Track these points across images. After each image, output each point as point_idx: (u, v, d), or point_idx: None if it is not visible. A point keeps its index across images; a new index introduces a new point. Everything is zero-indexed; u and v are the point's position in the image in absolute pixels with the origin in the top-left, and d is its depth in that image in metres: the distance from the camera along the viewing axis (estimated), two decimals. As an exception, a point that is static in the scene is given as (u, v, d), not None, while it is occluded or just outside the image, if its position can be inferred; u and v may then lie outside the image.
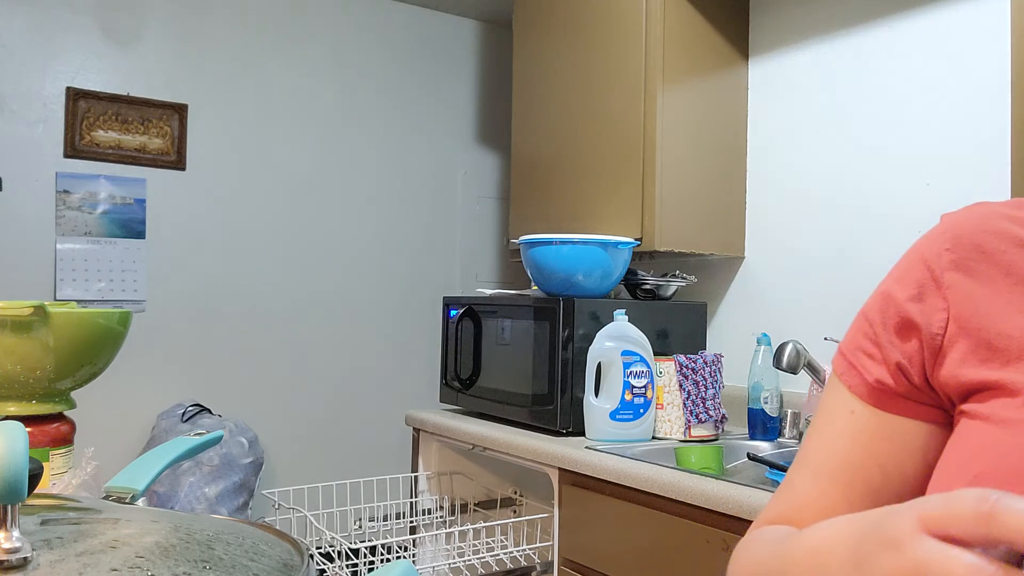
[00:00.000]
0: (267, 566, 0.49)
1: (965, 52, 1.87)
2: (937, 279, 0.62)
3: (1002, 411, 0.57)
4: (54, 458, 1.07)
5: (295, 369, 3.10)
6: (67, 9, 2.72)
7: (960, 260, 0.62)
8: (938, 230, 0.65)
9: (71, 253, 2.70)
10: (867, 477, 0.65)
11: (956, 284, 0.61)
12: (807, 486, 0.67)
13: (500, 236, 3.57)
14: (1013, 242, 0.61)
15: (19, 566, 0.42)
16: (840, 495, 0.65)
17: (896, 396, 0.64)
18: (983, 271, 0.61)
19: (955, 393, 0.61)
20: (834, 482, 0.65)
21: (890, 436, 0.64)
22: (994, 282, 0.60)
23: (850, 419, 0.66)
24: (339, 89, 3.20)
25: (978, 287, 0.61)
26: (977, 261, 0.61)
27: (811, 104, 2.19)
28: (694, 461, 1.76)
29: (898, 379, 0.64)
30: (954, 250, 0.62)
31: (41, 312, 1.02)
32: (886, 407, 0.65)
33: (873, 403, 0.65)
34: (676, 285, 2.27)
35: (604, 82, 2.32)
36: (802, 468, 0.68)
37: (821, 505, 0.65)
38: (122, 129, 2.79)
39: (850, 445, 0.65)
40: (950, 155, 1.89)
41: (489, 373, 2.25)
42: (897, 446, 0.64)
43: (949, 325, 0.61)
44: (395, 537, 2.18)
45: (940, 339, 0.61)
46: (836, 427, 0.67)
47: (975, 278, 0.61)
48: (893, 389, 0.64)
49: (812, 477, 0.67)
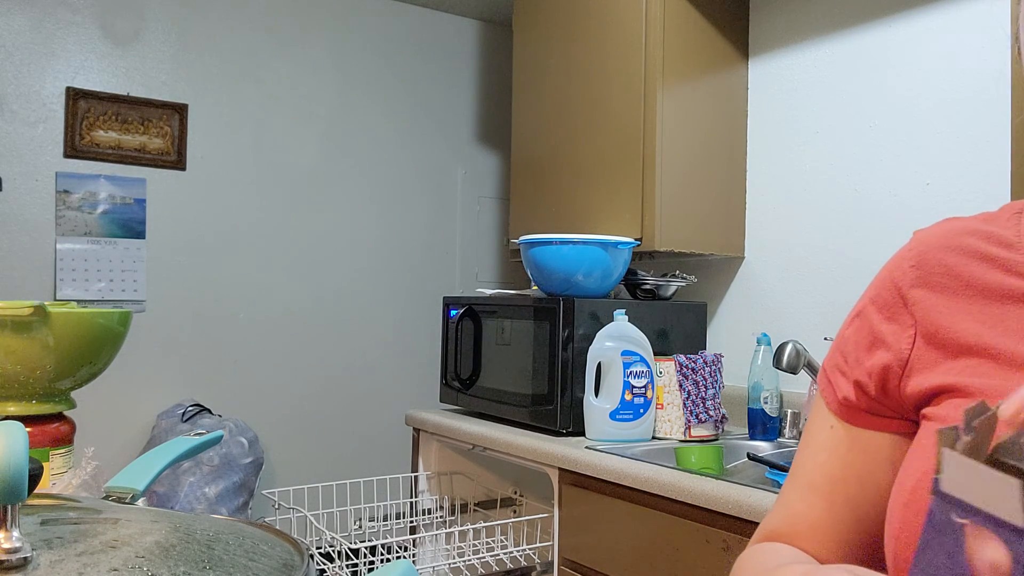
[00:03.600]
0: (267, 566, 0.49)
1: (965, 52, 1.87)
2: (904, 296, 0.66)
3: (954, 411, 0.60)
4: (54, 458, 1.07)
5: (295, 369, 3.10)
6: (67, 9, 2.72)
7: (924, 276, 0.65)
8: (907, 247, 0.68)
9: (71, 253, 2.70)
10: (846, 488, 0.68)
11: (921, 300, 0.64)
12: (796, 499, 0.71)
13: (500, 236, 3.57)
14: (974, 256, 0.64)
15: (19, 566, 0.42)
16: (824, 507, 0.68)
17: (860, 411, 0.67)
18: (945, 284, 0.64)
19: (919, 401, 0.64)
20: (819, 495, 0.69)
21: (863, 448, 0.67)
22: (955, 295, 0.63)
23: (830, 434, 0.69)
24: (339, 89, 3.20)
25: (941, 300, 0.64)
26: (940, 276, 0.64)
27: (811, 104, 2.19)
28: (694, 461, 1.76)
29: (859, 395, 0.67)
30: (919, 266, 0.66)
31: (41, 312, 1.02)
32: (854, 421, 0.68)
33: (844, 418, 0.69)
34: (676, 285, 2.27)
35: (604, 82, 2.32)
36: (792, 481, 0.72)
37: (809, 517, 0.69)
38: (122, 129, 2.79)
39: (830, 459, 0.69)
40: (950, 155, 1.89)
41: (489, 373, 2.25)
42: (869, 457, 0.67)
43: (916, 340, 0.64)
44: (395, 537, 2.18)
45: (908, 354, 0.64)
46: (819, 441, 0.70)
47: (938, 292, 0.64)
48: (856, 404, 0.67)
49: (800, 490, 0.71)
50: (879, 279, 0.69)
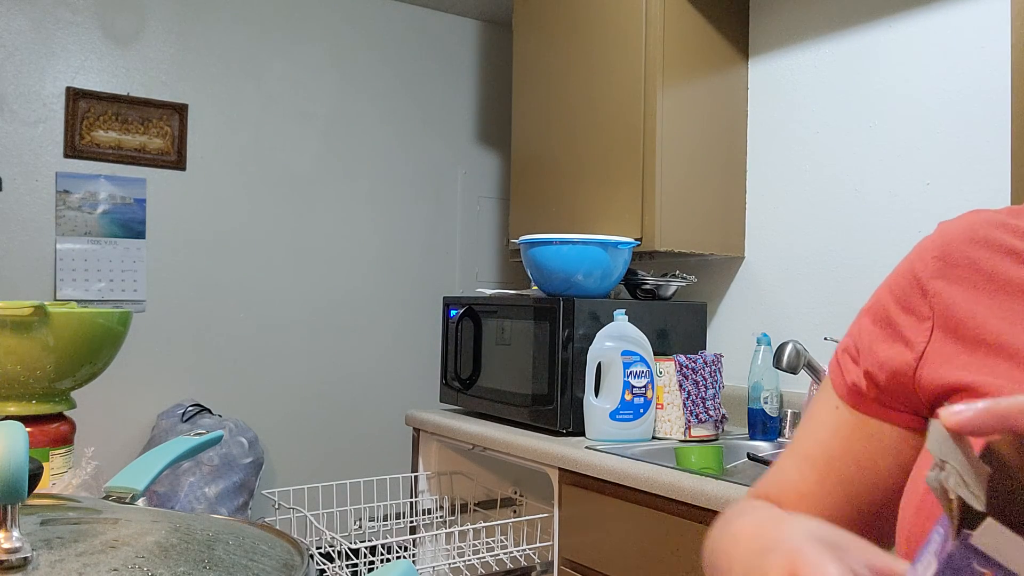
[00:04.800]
0: (267, 566, 0.49)
1: (965, 52, 1.87)
2: (923, 287, 0.64)
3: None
4: (54, 458, 1.07)
5: (295, 369, 3.10)
6: (67, 9, 2.72)
7: (946, 268, 0.64)
8: (930, 238, 0.67)
9: (71, 253, 2.70)
10: (841, 468, 0.68)
11: (941, 292, 0.63)
12: (790, 467, 0.72)
13: (500, 236, 3.57)
14: (999, 249, 0.62)
15: (19, 566, 0.42)
16: (816, 481, 0.70)
17: (869, 400, 0.67)
18: (967, 278, 0.63)
19: (933, 396, 0.63)
20: (813, 468, 0.70)
21: (866, 436, 0.68)
22: (977, 288, 0.62)
23: (834, 414, 0.70)
24: (339, 89, 3.20)
25: (961, 293, 0.62)
26: (962, 268, 0.63)
27: (811, 104, 2.19)
28: (694, 461, 1.76)
29: (869, 384, 0.67)
30: (942, 258, 0.64)
31: (41, 312, 1.02)
32: (861, 408, 0.68)
33: (850, 404, 0.68)
34: (676, 285, 2.27)
35: (604, 82, 2.32)
36: (789, 452, 0.73)
37: (800, 488, 0.70)
38: (122, 129, 2.79)
39: (830, 437, 0.70)
40: (950, 155, 1.89)
41: (489, 373, 2.25)
42: (872, 444, 0.67)
43: (934, 332, 0.63)
44: (395, 537, 2.18)
45: (924, 346, 0.63)
46: (821, 419, 0.71)
47: (960, 285, 0.63)
48: (865, 393, 0.67)
49: (795, 461, 0.72)
50: (900, 268, 0.68)
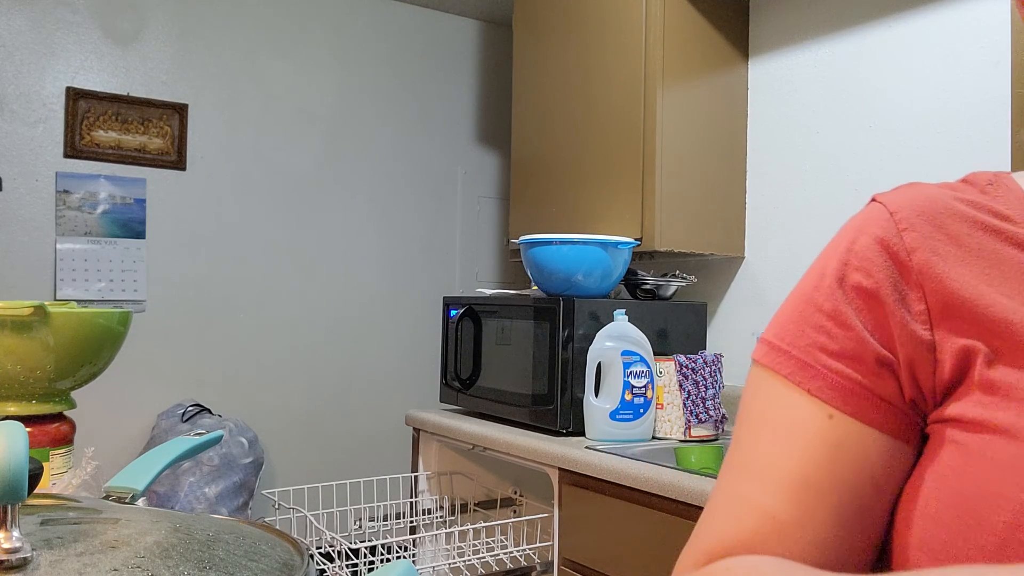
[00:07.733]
0: (267, 566, 0.49)
1: (965, 52, 1.87)
2: (904, 264, 0.55)
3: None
4: (54, 458, 1.07)
5: (295, 369, 3.10)
6: (67, 9, 2.72)
7: (922, 241, 0.55)
8: (879, 210, 0.58)
9: (71, 253, 2.70)
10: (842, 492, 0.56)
11: (927, 269, 0.55)
12: (767, 500, 0.57)
13: (500, 236, 3.57)
14: (975, 225, 0.56)
15: (19, 566, 0.42)
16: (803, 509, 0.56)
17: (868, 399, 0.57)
18: (951, 252, 0.55)
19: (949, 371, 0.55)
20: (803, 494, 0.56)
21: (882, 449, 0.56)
22: (965, 264, 0.55)
23: (828, 424, 0.57)
24: (339, 89, 3.20)
25: (952, 269, 0.55)
26: (942, 243, 0.55)
27: (811, 104, 2.19)
28: (694, 461, 1.76)
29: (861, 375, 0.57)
30: (913, 229, 0.56)
31: (41, 312, 1.02)
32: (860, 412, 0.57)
33: (849, 412, 0.57)
34: (676, 285, 2.27)
35: (604, 82, 2.32)
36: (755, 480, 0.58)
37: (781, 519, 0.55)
38: (122, 129, 2.79)
39: (829, 456, 0.57)
40: (950, 155, 1.89)
41: (489, 373, 2.25)
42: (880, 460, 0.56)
43: (932, 317, 0.54)
44: (395, 537, 2.18)
45: (930, 336, 0.55)
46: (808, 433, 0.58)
47: (946, 260, 0.55)
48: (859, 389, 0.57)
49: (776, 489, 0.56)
50: (858, 245, 0.57)
